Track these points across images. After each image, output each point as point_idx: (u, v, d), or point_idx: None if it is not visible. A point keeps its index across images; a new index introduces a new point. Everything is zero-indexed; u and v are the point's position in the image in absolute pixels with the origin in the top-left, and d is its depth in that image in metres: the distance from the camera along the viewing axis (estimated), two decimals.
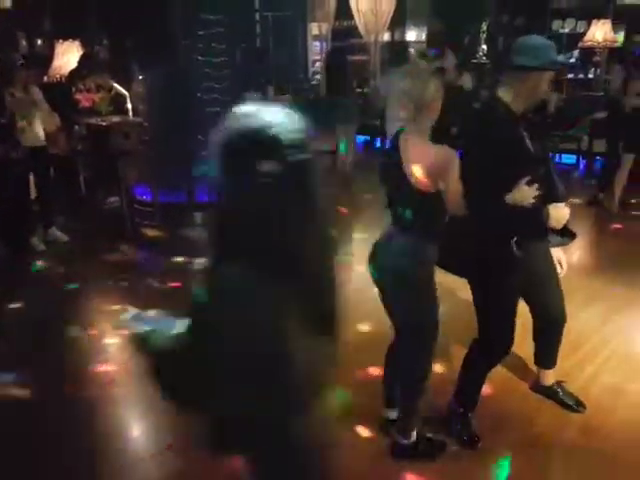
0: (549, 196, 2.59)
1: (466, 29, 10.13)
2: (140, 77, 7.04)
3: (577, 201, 7.28)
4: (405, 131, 2.45)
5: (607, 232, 6.27)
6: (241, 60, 6.05)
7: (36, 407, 3.18)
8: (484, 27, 10.14)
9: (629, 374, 3.44)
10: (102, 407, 3.19)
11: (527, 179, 2.42)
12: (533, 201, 2.42)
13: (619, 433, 2.94)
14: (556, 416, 3.06)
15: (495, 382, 3.26)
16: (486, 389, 3.21)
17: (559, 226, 2.58)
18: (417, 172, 2.32)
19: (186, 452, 2.76)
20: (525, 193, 2.41)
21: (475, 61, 9.97)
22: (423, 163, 2.31)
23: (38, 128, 5.49)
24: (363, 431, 2.94)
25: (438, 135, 2.45)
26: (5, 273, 4.89)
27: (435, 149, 2.35)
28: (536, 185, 2.42)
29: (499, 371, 3.41)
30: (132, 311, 1.58)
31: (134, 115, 6.80)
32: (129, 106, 6.79)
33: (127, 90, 6.86)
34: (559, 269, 2.96)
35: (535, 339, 3.17)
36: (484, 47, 10.17)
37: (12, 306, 4.43)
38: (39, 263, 5.18)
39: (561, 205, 2.59)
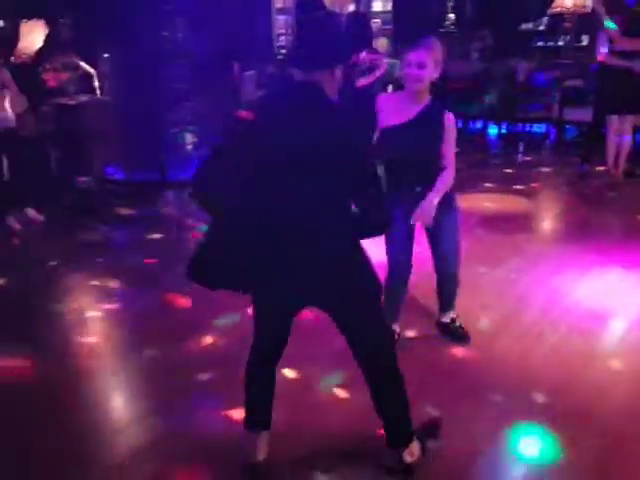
0: None
1: None
2: (105, 55, 6.97)
3: (547, 169, 7.47)
4: None
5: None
6: (208, 36, 6.04)
7: (20, 380, 3.23)
8: None
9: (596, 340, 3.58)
10: (83, 378, 3.26)
11: None
12: None
13: (589, 392, 3.02)
14: (525, 379, 3.16)
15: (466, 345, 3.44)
16: (466, 353, 3.38)
17: None
18: None
19: (168, 417, 2.86)
20: None
21: (443, 30, 10.02)
22: None
23: (7, 110, 5.46)
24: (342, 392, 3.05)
25: None
26: None
27: None
28: None
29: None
30: None
31: (102, 93, 6.75)
32: (97, 84, 6.73)
33: (93, 68, 6.80)
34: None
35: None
36: (452, 16, 10.21)
37: None
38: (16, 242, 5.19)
39: None
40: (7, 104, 5.46)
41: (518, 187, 6.60)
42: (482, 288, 4.18)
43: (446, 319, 3.58)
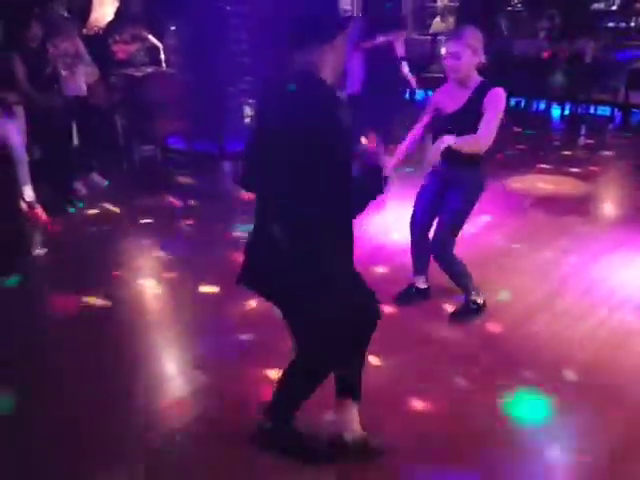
0: None
1: None
2: (172, 28, 7.20)
3: (609, 153, 7.30)
4: None
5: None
6: (268, 10, 6.15)
7: (73, 335, 3.51)
8: None
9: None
10: (134, 333, 3.51)
11: None
12: None
13: (620, 374, 3.06)
14: (559, 357, 3.22)
15: (503, 322, 3.51)
16: (495, 328, 3.45)
17: None
18: None
19: (212, 369, 3.07)
20: None
21: (510, 9, 9.81)
22: None
23: (81, 79, 5.79)
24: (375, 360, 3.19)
25: None
26: (51, 213, 5.23)
27: None
28: None
29: (504, 314, 3.63)
30: None
31: (167, 66, 6.99)
32: (162, 57, 6.97)
33: (160, 41, 7.04)
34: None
35: None
36: None
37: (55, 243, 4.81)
38: (80, 205, 5.51)
39: None
40: (81, 73, 5.77)
41: (575, 170, 6.50)
42: (526, 267, 4.22)
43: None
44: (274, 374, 2.85)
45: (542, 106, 9.42)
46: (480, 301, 3.59)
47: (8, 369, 3.13)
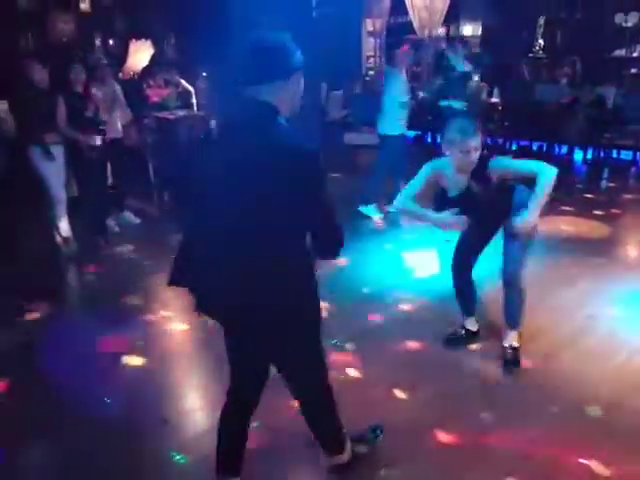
0: None
1: (523, 24, 10.18)
2: (204, 74, 7.51)
3: (631, 197, 7.34)
4: None
5: None
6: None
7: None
8: (541, 21, 10.16)
9: None
10: (168, 363, 3.62)
11: None
12: None
13: None
14: (583, 393, 3.27)
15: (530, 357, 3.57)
16: (529, 364, 3.53)
17: None
18: None
19: None
20: None
21: (532, 55, 10.02)
22: None
23: (117, 121, 6.05)
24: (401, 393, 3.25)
25: None
26: (84, 249, 5.43)
27: None
28: None
29: (529, 350, 3.67)
30: None
31: (199, 109, 7.27)
32: (194, 101, 7.26)
33: (192, 86, 7.34)
34: None
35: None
36: (541, 42, 10.19)
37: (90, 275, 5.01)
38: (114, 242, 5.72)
39: None
40: (117, 116, 6.04)
41: (598, 212, 6.55)
42: (553, 306, 4.27)
43: (504, 342, 3.63)
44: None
45: (564, 150, 9.52)
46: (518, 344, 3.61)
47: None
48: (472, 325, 3.80)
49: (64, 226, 5.46)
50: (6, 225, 5.56)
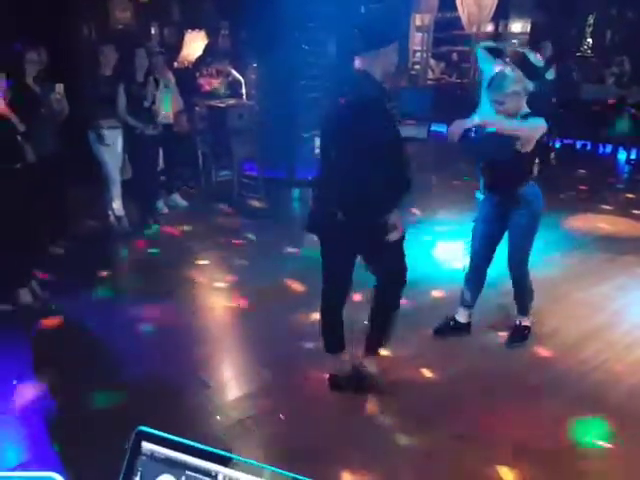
0: None
1: (573, 22, 10.12)
2: (254, 65, 7.77)
3: None
4: None
5: None
6: (346, 50, 6.56)
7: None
8: (591, 20, 10.09)
9: None
10: (212, 336, 3.90)
11: None
12: None
13: None
14: (603, 382, 3.41)
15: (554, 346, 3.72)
16: (545, 352, 3.66)
17: None
18: None
19: (279, 370, 3.40)
20: None
21: (579, 54, 9.97)
22: None
23: (169, 109, 6.35)
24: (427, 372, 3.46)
25: None
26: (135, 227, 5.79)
27: None
28: None
29: (555, 340, 3.81)
30: None
31: (247, 98, 7.53)
32: (244, 90, 7.52)
33: (242, 76, 7.60)
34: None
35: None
36: (589, 40, 10.13)
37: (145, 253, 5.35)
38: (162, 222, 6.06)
39: None
40: (170, 104, 6.33)
41: (637, 212, 6.57)
42: (582, 300, 4.39)
43: (517, 321, 3.82)
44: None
45: (608, 149, 9.48)
46: (530, 324, 3.79)
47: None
48: (462, 317, 3.86)
49: (117, 205, 5.79)
50: (62, 204, 5.92)
